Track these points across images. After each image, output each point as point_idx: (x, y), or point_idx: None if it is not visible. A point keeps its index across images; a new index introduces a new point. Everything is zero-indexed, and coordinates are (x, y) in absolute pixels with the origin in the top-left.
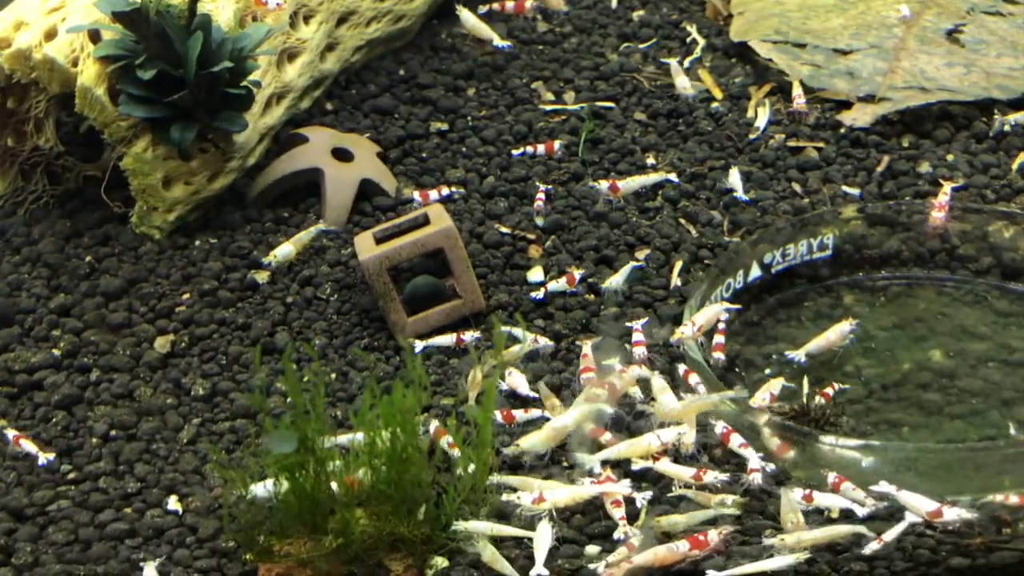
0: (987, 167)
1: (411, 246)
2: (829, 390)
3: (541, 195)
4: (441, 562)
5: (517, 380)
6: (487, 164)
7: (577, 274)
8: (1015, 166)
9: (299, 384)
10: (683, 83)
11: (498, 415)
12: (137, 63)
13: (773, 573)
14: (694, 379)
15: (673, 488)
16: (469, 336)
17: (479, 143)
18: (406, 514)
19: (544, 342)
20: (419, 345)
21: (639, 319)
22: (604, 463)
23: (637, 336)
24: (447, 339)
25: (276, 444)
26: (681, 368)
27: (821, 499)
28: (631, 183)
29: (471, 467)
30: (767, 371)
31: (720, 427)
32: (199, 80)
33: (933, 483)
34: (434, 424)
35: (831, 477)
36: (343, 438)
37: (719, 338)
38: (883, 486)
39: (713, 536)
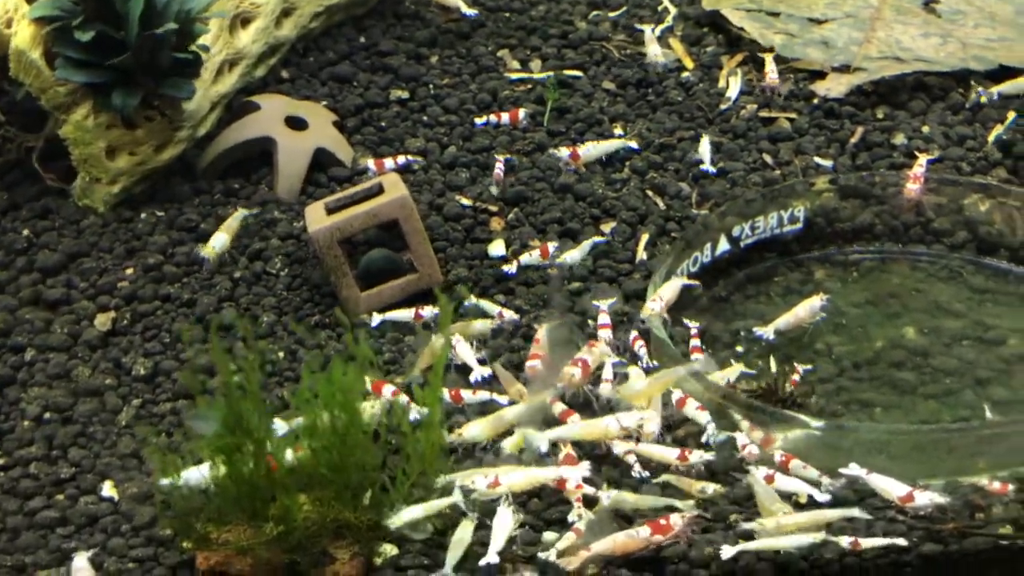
0: (963, 139)
1: (364, 217)
2: (795, 375)
3: (500, 165)
4: (390, 549)
5: (463, 351)
6: (449, 134)
7: (551, 246)
8: (991, 138)
9: (228, 361)
10: (655, 51)
11: (446, 394)
12: (74, 24)
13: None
14: (639, 344)
15: (633, 471)
16: (428, 311)
17: (441, 112)
18: (350, 499)
19: (510, 316)
20: (376, 319)
21: (606, 299)
22: (554, 444)
23: (603, 319)
24: (405, 313)
25: (197, 424)
26: (632, 334)
27: (783, 482)
28: (592, 150)
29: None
30: (738, 348)
31: (676, 393)
32: (142, 42)
33: (906, 465)
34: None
35: (778, 456)
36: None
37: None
38: (853, 469)
39: (677, 521)
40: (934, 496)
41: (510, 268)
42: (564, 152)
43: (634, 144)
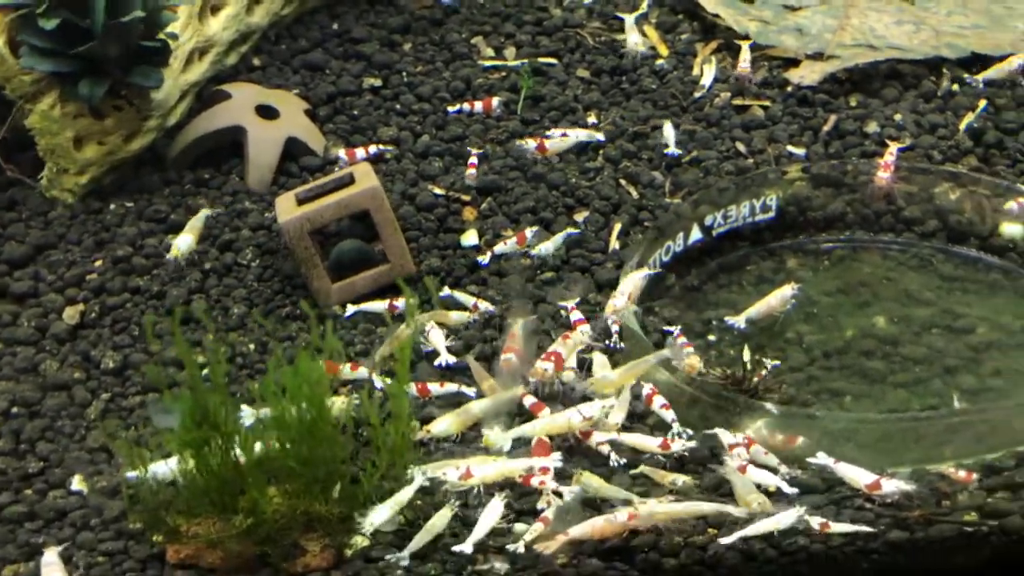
0: (934, 127)
1: (335, 207)
2: (763, 371)
3: (474, 159)
4: (361, 541)
5: (435, 337)
6: (422, 122)
7: (529, 232)
8: (962, 126)
9: (193, 354)
10: (635, 39)
11: (413, 388)
12: (39, 12)
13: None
14: (584, 327)
15: (611, 460)
16: (403, 303)
17: (414, 100)
18: (320, 492)
19: (486, 307)
20: (351, 309)
21: (571, 298)
22: (518, 440)
23: (576, 315)
24: (379, 305)
25: (160, 417)
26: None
27: (754, 473)
28: (559, 143)
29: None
30: (711, 337)
31: (647, 388)
32: (108, 30)
33: (873, 454)
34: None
35: (740, 438)
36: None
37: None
38: (821, 458)
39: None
40: (900, 484)
41: (483, 258)
42: (531, 144)
43: (601, 136)
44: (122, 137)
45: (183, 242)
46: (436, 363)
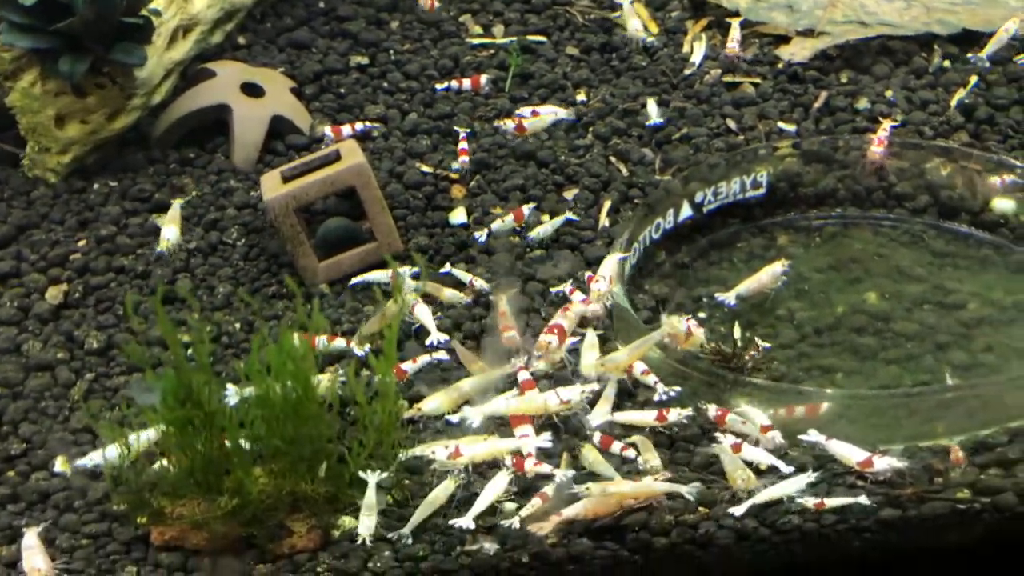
0: (925, 103)
1: (320, 184)
2: (753, 351)
3: (464, 144)
4: (349, 522)
5: (422, 313)
6: (409, 100)
7: (526, 209)
8: (953, 102)
9: (177, 333)
10: (636, 25)
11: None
12: None
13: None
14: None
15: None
16: (407, 271)
17: (401, 78)
18: (306, 472)
19: (481, 284)
20: (355, 280)
21: (561, 277)
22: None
23: (578, 295)
24: (382, 274)
25: (139, 395)
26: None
27: (749, 452)
28: (537, 122)
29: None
30: (701, 315)
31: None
32: (89, 6)
33: (865, 431)
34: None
35: (712, 410)
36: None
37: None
38: (812, 435)
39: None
40: (893, 461)
41: (480, 234)
42: (509, 124)
43: (568, 115)
44: (105, 116)
45: (169, 233)
46: (428, 342)
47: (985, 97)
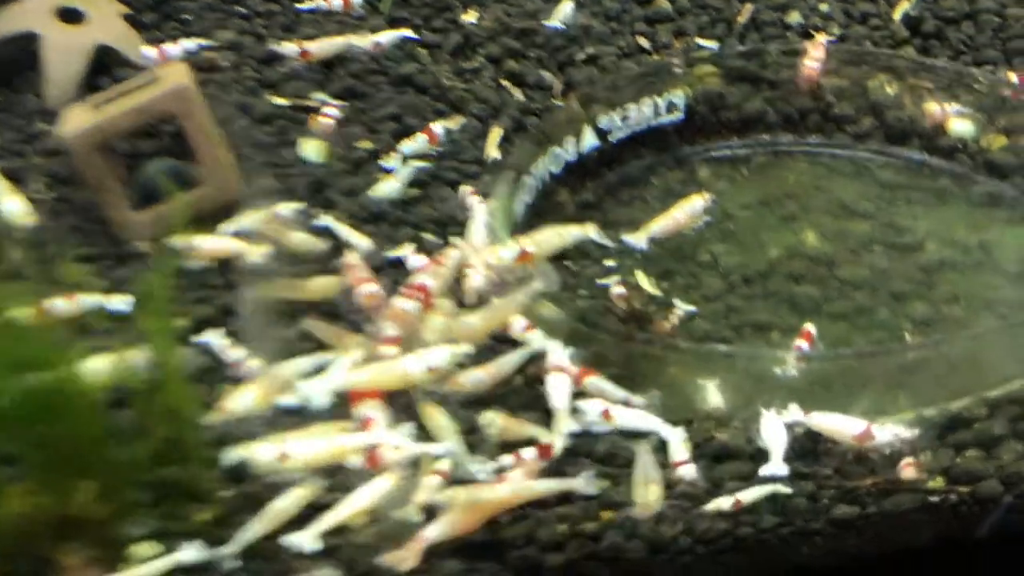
0: (865, 16)
1: (132, 114)
2: (673, 318)
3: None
4: (147, 549)
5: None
6: (268, 24)
7: (439, 128)
8: (897, 15)
9: None
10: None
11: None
12: None
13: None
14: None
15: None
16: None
17: (259, 1)
18: (74, 486)
19: (365, 244)
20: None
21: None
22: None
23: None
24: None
25: None
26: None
27: (621, 417)
28: (326, 46)
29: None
30: (609, 263)
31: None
32: None
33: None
34: None
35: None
36: None
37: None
38: (792, 412)
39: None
40: (899, 431)
41: (389, 163)
42: (291, 48)
43: (362, 42)
44: None
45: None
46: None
47: (932, 10)
